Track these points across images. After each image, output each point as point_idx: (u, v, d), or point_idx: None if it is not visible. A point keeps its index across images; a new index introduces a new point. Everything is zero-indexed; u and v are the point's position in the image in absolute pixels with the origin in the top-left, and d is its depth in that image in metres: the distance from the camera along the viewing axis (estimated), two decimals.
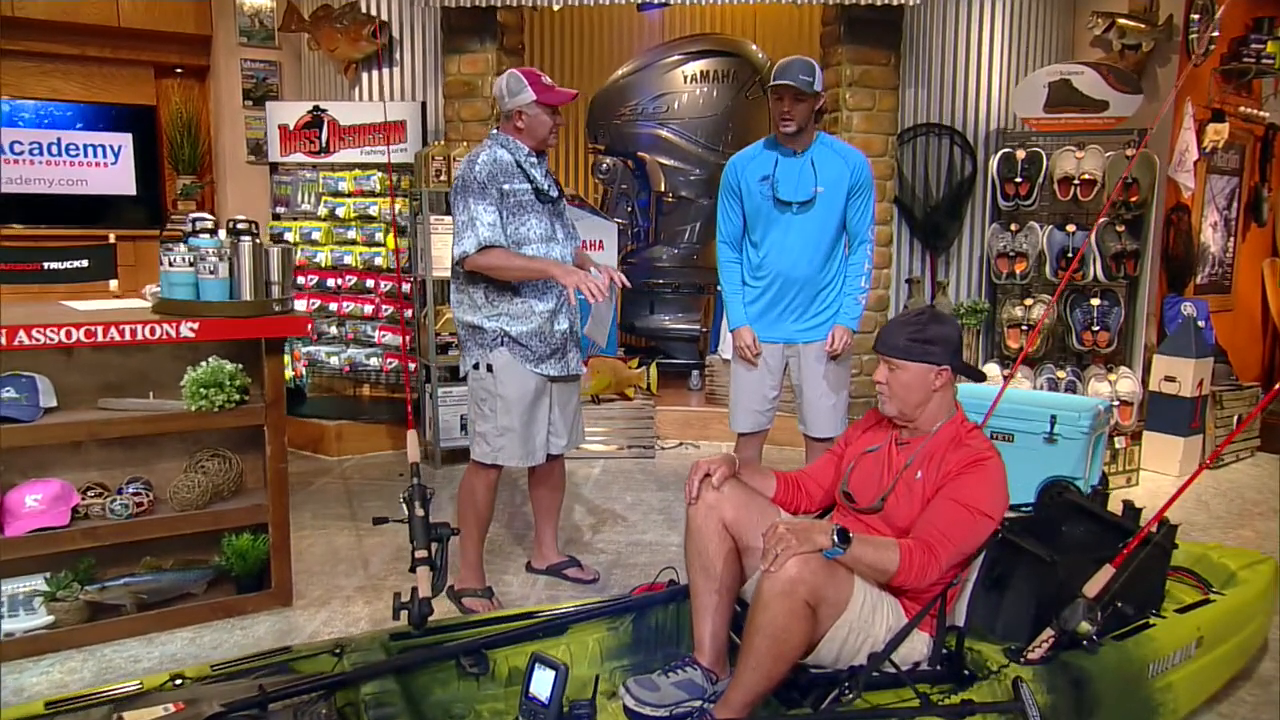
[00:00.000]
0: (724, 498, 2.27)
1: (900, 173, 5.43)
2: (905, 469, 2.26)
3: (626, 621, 2.49)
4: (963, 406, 2.37)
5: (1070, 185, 4.81)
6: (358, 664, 2.11)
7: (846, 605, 2.06)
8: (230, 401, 3.04)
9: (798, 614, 1.99)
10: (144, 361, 3.14)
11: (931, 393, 2.28)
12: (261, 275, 2.96)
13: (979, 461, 2.17)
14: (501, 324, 3.11)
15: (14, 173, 6.15)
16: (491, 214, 3.03)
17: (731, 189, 3.48)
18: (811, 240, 3.39)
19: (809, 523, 2.08)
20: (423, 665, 2.16)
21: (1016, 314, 4.97)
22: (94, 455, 3.15)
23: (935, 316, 2.34)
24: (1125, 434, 4.87)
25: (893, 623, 2.15)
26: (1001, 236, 4.99)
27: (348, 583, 3.49)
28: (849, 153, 3.43)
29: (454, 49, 5.30)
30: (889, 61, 5.24)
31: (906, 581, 2.09)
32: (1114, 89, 4.95)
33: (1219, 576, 2.84)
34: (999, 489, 2.19)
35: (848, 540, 2.01)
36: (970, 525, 2.13)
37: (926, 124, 5.44)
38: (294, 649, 2.16)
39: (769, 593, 1.99)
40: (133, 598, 3.06)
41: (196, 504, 3.12)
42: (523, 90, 3.10)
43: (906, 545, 2.08)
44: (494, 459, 3.17)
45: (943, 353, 2.26)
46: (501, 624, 2.37)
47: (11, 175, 6.13)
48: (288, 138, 5.35)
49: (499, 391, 3.13)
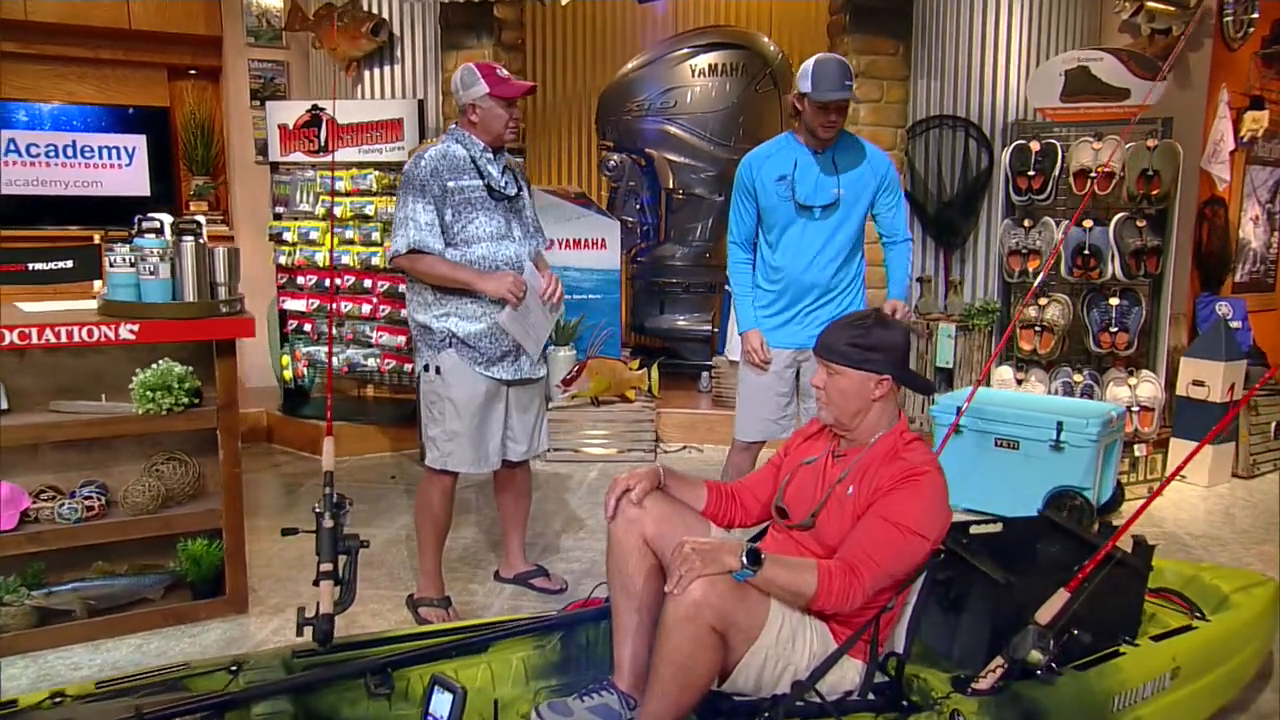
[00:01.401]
0: (645, 512, 2.13)
1: (912, 167, 5.22)
2: (838, 483, 2.10)
3: (554, 640, 2.37)
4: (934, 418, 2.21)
5: (1087, 178, 4.56)
6: (254, 682, 2.02)
7: (760, 631, 1.91)
8: (179, 405, 2.98)
9: (703, 641, 1.85)
10: (98, 363, 3.10)
11: (870, 402, 2.12)
12: (205, 276, 2.90)
13: (913, 476, 2.00)
14: (450, 325, 3.01)
15: (30, 175, 6.20)
16: (428, 214, 2.93)
17: (746, 188, 3.31)
18: (831, 244, 3.24)
19: (717, 542, 1.93)
20: (322, 685, 2.05)
21: (1030, 314, 4.73)
22: (49, 458, 3.13)
23: (881, 321, 2.18)
24: (1147, 441, 4.60)
25: (818, 649, 2.00)
26: (1014, 233, 4.76)
27: (307, 590, 3.40)
28: (872, 151, 3.29)
29: (451, 45, 5.23)
30: (897, 51, 5.03)
31: (826, 606, 1.93)
32: (1135, 76, 4.68)
33: (1210, 600, 2.62)
34: (935, 506, 2.02)
35: (758, 561, 1.87)
36: (899, 546, 1.97)
37: (940, 116, 5.21)
38: (190, 665, 2.08)
39: (672, 618, 1.85)
40: (82, 603, 3.02)
41: (148, 508, 3.07)
42: (476, 83, 3.00)
43: (826, 567, 1.93)
44: (444, 464, 3.07)
45: (885, 361, 2.10)
46: (418, 640, 2.26)
47: (27, 177, 6.19)
48: (287, 137, 5.32)
49: (447, 394, 3.03)
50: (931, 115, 5.22)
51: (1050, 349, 4.66)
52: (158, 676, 2.01)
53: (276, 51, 5.98)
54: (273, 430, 5.49)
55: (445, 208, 2.97)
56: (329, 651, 2.13)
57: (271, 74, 6.00)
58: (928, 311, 5.16)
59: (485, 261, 3.01)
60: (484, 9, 5.08)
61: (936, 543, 2.05)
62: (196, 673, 2.04)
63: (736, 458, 3.45)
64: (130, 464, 3.18)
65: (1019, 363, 4.85)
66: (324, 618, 2.08)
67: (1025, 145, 4.70)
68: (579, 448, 5.19)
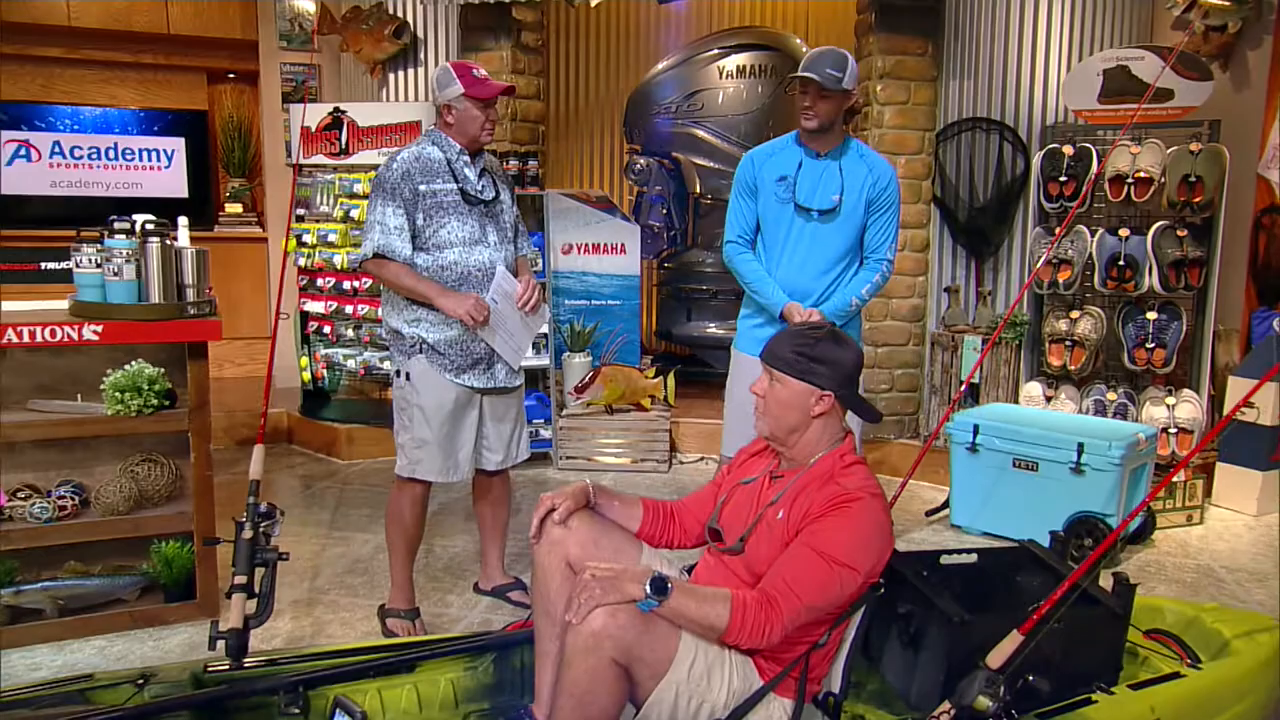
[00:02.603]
0: (569, 533, 2.02)
1: (942, 172, 4.99)
2: (769, 506, 1.96)
3: (487, 661, 2.27)
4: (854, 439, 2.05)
5: (1123, 184, 4.29)
6: (158, 696, 1.96)
7: (670, 665, 1.78)
8: (148, 406, 2.97)
9: (603, 674, 1.73)
10: (76, 364, 3.12)
11: (810, 418, 1.97)
12: (172, 278, 2.88)
13: (844, 503, 1.85)
14: (420, 330, 2.95)
15: (74, 177, 6.37)
16: (398, 218, 2.87)
17: (746, 185, 3.18)
18: (827, 253, 3.09)
19: (620, 569, 1.80)
20: (227, 701, 1.99)
21: (1060, 327, 4.47)
22: (30, 457, 3.15)
23: (834, 336, 2.03)
24: (1186, 466, 4.30)
25: (739, 686, 1.86)
26: (1044, 242, 4.51)
27: (285, 595, 3.38)
28: (876, 162, 3.11)
29: (470, 47, 5.19)
30: (925, 51, 4.82)
31: (740, 641, 1.79)
32: (1179, 75, 4.39)
33: (1210, 645, 2.39)
34: (867, 535, 1.86)
35: (664, 591, 1.74)
36: (824, 577, 1.81)
37: (973, 119, 4.97)
38: (94, 677, 2.03)
39: (571, 649, 1.74)
40: (52, 602, 3.02)
41: (120, 509, 3.07)
42: (451, 83, 2.93)
43: (741, 600, 1.79)
44: (411, 472, 3.00)
45: (829, 375, 1.96)
46: (340, 658, 2.18)
47: (71, 179, 6.36)
48: (309, 140, 5.34)
49: (416, 401, 2.96)
50: (964, 118, 4.98)
51: (1081, 365, 4.40)
52: (60, 688, 1.97)
53: (308, 55, 6.02)
54: (292, 431, 5.52)
55: (416, 211, 2.91)
56: (241, 667, 2.06)
57: (303, 77, 6.05)
58: (954, 324, 4.93)
59: (457, 267, 2.94)
60: (502, 10, 5.03)
61: (871, 575, 1.89)
62: (101, 685, 2.00)
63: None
64: (109, 465, 3.18)
65: (1050, 379, 4.60)
66: (233, 632, 2.01)
67: (1058, 149, 4.45)
68: (592, 456, 5.09)
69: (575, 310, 5.40)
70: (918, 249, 4.94)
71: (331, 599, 3.36)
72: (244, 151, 6.69)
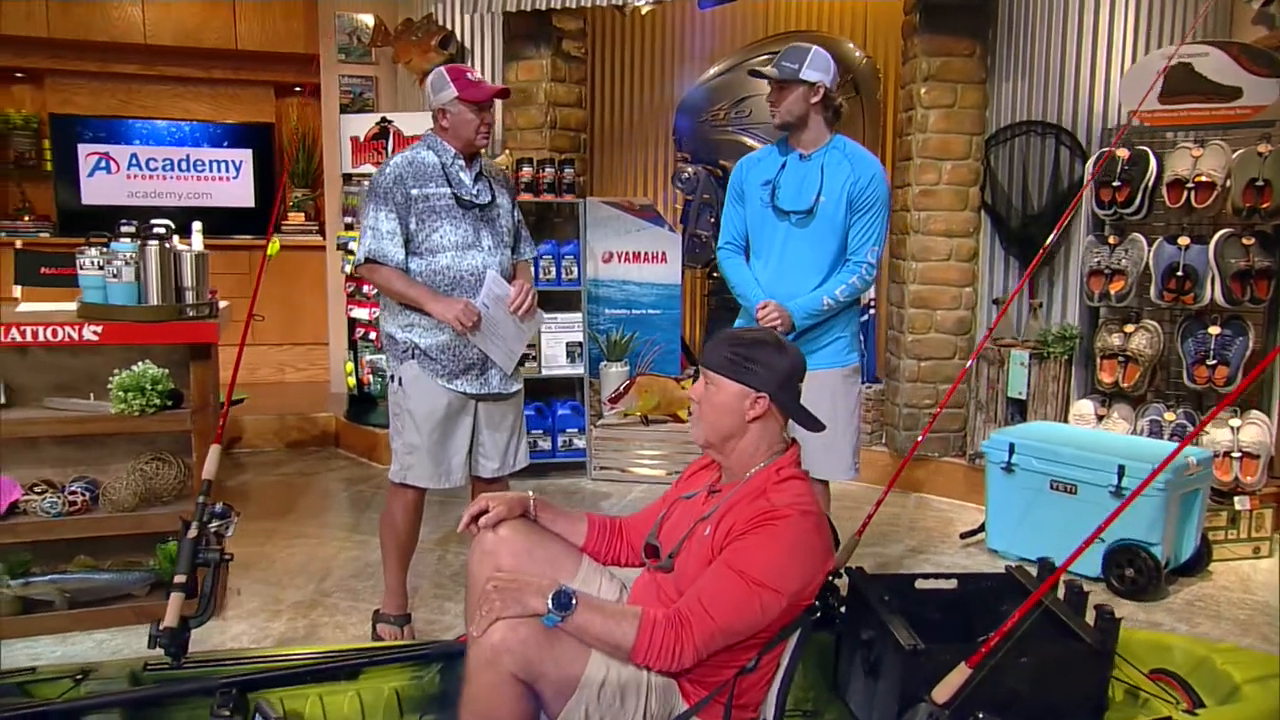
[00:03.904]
0: (502, 542, 1.96)
1: (993, 178, 4.76)
2: (700, 521, 1.86)
3: (433, 671, 2.22)
4: None
5: (1183, 189, 4.01)
6: (94, 693, 1.98)
7: (578, 684, 1.70)
8: (151, 406, 3.04)
9: (503, 690, 1.66)
10: (93, 363, 3.21)
11: (745, 423, 1.87)
12: (171, 281, 2.95)
13: (768, 520, 1.74)
14: (413, 335, 2.94)
15: (149, 187, 6.70)
16: (390, 223, 2.87)
17: (735, 192, 3.14)
18: (808, 256, 2.99)
19: (523, 580, 1.73)
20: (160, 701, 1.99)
21: (1113, 342, 4.20)
22: (49, 453, 3.27)
23: (773, 341, 1.93)
24: (1252, 493, 3.98)
25: (658, 709, 1.76)
26: (1097, 250, 4.24)
27: (290, 596, 3.42)
28: (860, 159, 2.99)
29: (513, 56, 5.21)
30: (973, 52, 4.61)
31: (650, 662, 1.70)
32: (1248, 72, 4.08)
33: (1218, 688, 2.18)
34: (793, 555, 1.75)
35: (568, 606, 1.66)
36: (742, 599, 1.70)
37: (1027, 122, 4.73)
38: (36, 670, 2.06)
39: (472, 663, 1.68)
40: (60, 595, 3.11)
41: (126, 505, 3.15)
42: (445, 88, 2.92)
43: (650, 619, 1.69)
44: (403, 478, 2.99)
45: (764, 377, 1.86)
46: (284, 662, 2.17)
47: (146, 189, 6.68)
48: (358, 149, 5.46)
49: (407, 406, 2.96)
50: (1017, 121, 4.74)
51: (1135, 382, 4.12)
52: (2, 680, 2.00)
53: (365, 67, 6.15)
54: (339, 435, 5.62)
55: (409, 216, 2.91)
56: (180, 667, 2.07)
57: (360, 89, 6.17)
58: (1000, 337, 4.69)
59: (450, 271, 2.92)
60: (543, 19, 5.03)
61: (799, 597, 1.77)
62: (41, 678, 2.02)
63: None
64: (123, 462, 3.27)
65: (1103, 397, 4.32)
66: (167, 631, 2.01)
67: (1112, 153, 4.19)
68: (626, 467, 5.03)
69: (615, 319, 5.36)
70: (964, 258, 4.72)
71: (333, 601, 3.38)
72: (308, 162, 6.88)
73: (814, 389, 3.03)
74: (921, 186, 4.67)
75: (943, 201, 4.67)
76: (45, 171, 6.63)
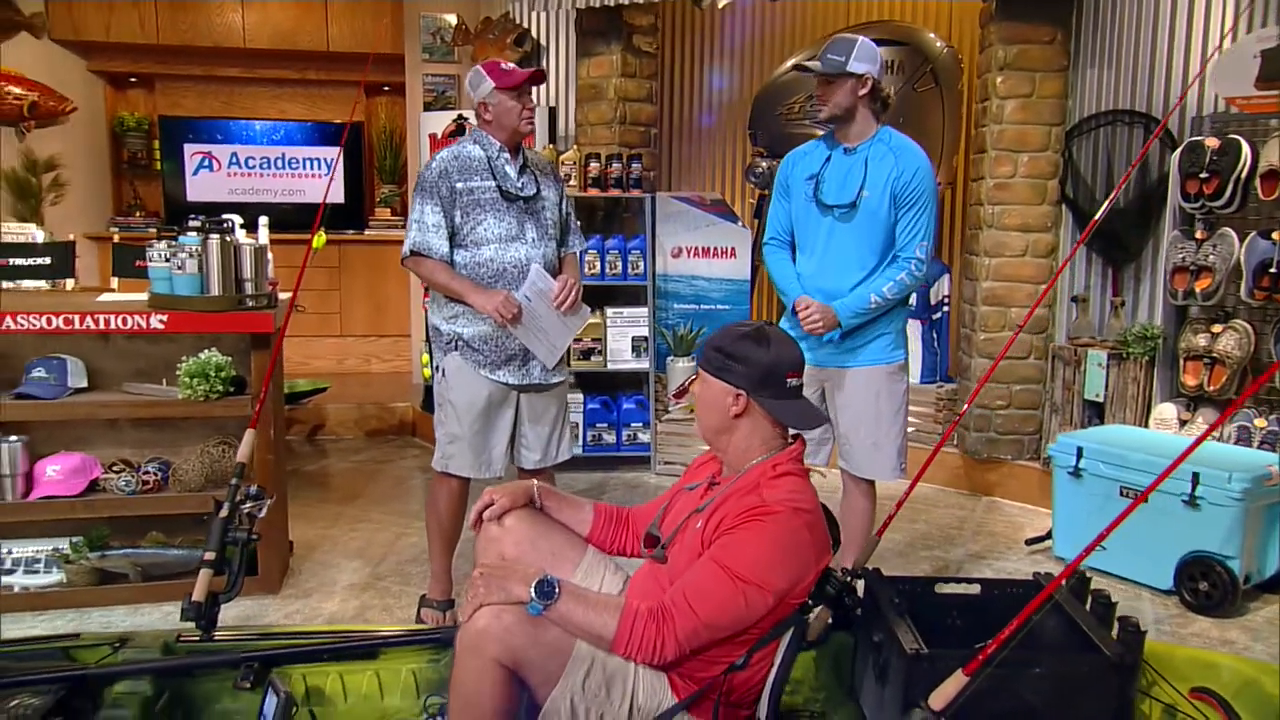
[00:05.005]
0: (506, 532, 2.00)
1: (1076, 171, 4.56)
2: (694, 513, 1.85)
3: (449, 655, 2.26)
4: None
5: (1278, 180, 3.76)
6: (128, 661, 2.10)
7: (563, 671, 1.71)
8: (214, 392, 3.19)
9: (487, 675, 1.69)
10: (169, 351, 3.38)
11: (730, 419, 1.87)
12: (230, 272, 3.09)
13: (758, 516, 1.72)
14: (456, 326, 3.01)
15: (248, 185, 7.02)
16: (435, 216, 2.94)
17: (781, 187, 3.13)
18: (853, 251, 2.94)
19: (510, 569, 1.75)
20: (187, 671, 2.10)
21: (1199, 343, 3.97)
22: (128, 435, 3.47)
23: (757, 334, 1.91)
24: None
25: (644, 703, 1.76)
26: (1183, 246, 4.02)
27: (345, 578, 3.54)
28: (904, 152, 2.91)
29: (585, 52, 5.26)
30: (1054, 39, 4.42)
31: (631, 654, 1.70)
32: None
33: (1264, 712, 2.05)
34: (780, 551, 1.72)
35: (551, 595, 1.68)
36: (726, 594, 1.69)
37: (1113, 111, 4.51)
38: (80, 636, 2.19)
39: (459, 647, 1.72)
40: (133, 568, 3.30)
41: (194, 486, 3.32)
42: (483, 82, 2.99)
43: (632, 611, 1.70)
44: (444, 466, 3.06)
45: (742, 375, 1.85)
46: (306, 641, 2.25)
47: (245, 187, 7.00)
48: (435, 146, 5.59)
49: (449, 397, 3.02)
50: (1102, 110, 4.53)
51: (1221, 385, 3.89)
52: (49, 644, 2.15)
53: (448, 66, 6.30)
54: (415, 425, 5.78)
55: (454, 209, 2.97)
56: (209, 639, 2.17)
57: (443, 87, 6.33)
58: (1077, 336, 4.49)
59: (493, 264, 2.98)
60: (614, 15, 5.06)
61: (787, 595, 1.74)
62: (84, 644, 2.16)
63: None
64: (194, 445, 3.45)
65: (1188, 401, 4.10)
66: (195, 605, 2.12)
67: (1199, 142, 3.96)
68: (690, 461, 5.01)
69: (683, 314, 5.35)
70: (1041, 254, 4.54)
71: (385, 585, 3.48)
72: (395, 159, 7.09)
73: (858, 386, 3.01)
74: (996, 180, 4.51)
75: (1018, 195, 4.50)
76: (155, 170, 7.04)
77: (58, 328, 3.03)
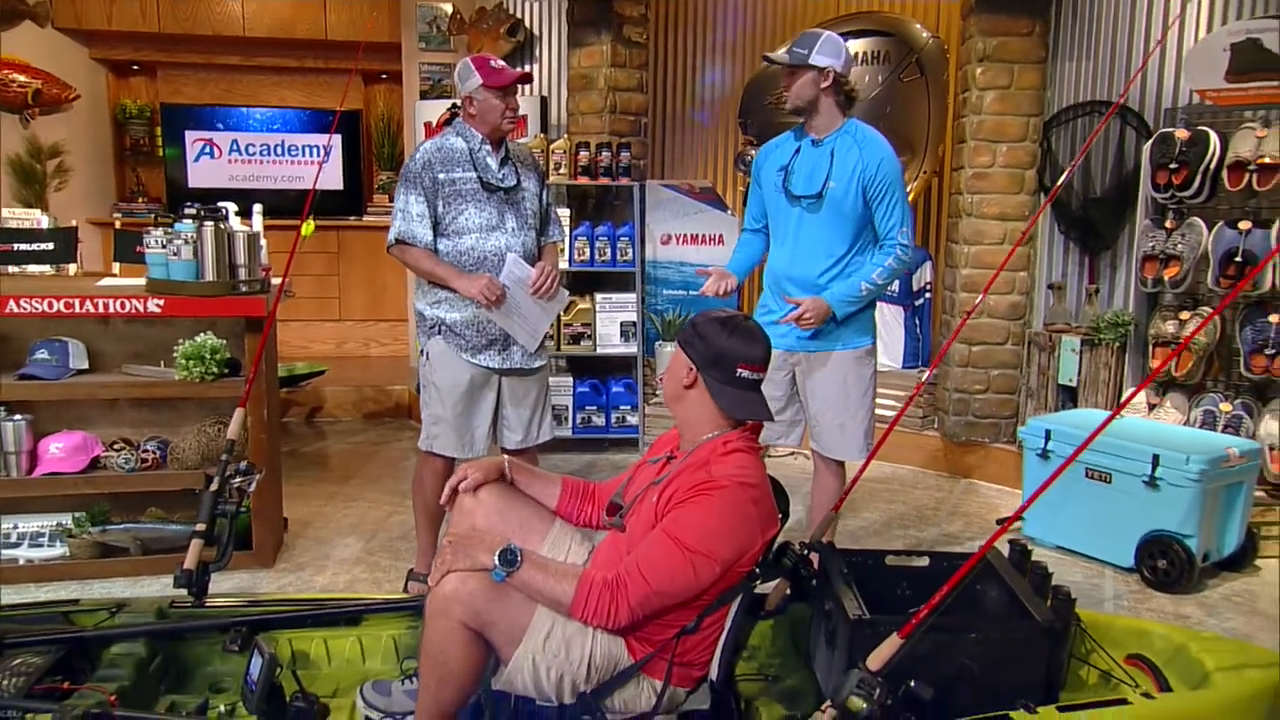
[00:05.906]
0: (479, 504, 2.12)
1: (1054, 161, 4.66)
2: (650, 485, 1.98)
3: None
4: None
5: (1244, 171, 3.86)
6: (124, 625, 2.24)
7: (525, 634, 1.84)
8: (209, 374, 3.32)
9: (454, 637, 1.82)
10: (167, 334, 3.52)
11: (681, 389, 2.00)
12: (224, 258, 3.21)
13: (706, 489, 1.84)
14: (440, 311, 3.13)
15: (247, 171, 7.13)
16: (419, 206, 3.05)
17: (755, 178, 3.24)
18: (820, 240, 3.05)
19: (477, 538, 1.88)
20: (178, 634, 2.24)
21: (1167, 330, 4.08)
22: (127, 414, 3.60)
23: (728, 321, 2.03)
24: None
25: (601, 662, 1.89)
26: (1153, 235, 4.12)
27: (338, 553, 3.68)
28: (868, 144, 3.01)
29: (576, 42, 5.36)
30: (1032, 31, 4.51)
31: (587, 619, 1.83)
32: None
33: (1190, 675, 2.18)
34: (727, 523, 1.84)
35: (513, 563, 1.81)
36: (676, 564, 1.82)
37: (1090, 102, 4.60)
38: (79, 602, 2.33)
39: (428, 610, 1.85)
40: (133, 542, 3.45)
41: (190, 464, 3.45)
42: (471, 76, 3.09)
43: (588, 579, 1.82)
44: (429, 446, 3.19)
45: (699, 352, 1.98)
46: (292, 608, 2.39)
47: (245, 173, 7.12)
48: (430, 134, 5.69)
49: (433, 379, 3.15)
50: (1080, 102, 4.63)
51: (1188, 371, 4.00)
52: (50, 609, 2.28)
53: (445, 55, 6.38)
54: (411, 408, 5.92)
55: (437, 199, 3.09)
56: (201, 606, 2.31)
57: (439, 76, 6.42)
58: (1053, 322, 4.60)
59: (473, 252, 3.09)
60: (605, 5, 5.15)
61: (734, 564, 1.87)
62: (83, 609, 2.29)
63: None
64: (191, 425, 3.58)
65: (1157, 386, 4.21)
66: (186, 573, 2.25)
67: (1170, 134, 4.05)
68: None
69: (672, 300, 5.47)
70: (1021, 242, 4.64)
71: (375, 560, 3.62)
72: (392, 146, 7.20)
73: (827, 370, 3.13)
74: (975, 169, 4.61)
75: (997, 184, 4.61)
76: (157, 157, 7.16)
77: (59, 311, 3.16)
